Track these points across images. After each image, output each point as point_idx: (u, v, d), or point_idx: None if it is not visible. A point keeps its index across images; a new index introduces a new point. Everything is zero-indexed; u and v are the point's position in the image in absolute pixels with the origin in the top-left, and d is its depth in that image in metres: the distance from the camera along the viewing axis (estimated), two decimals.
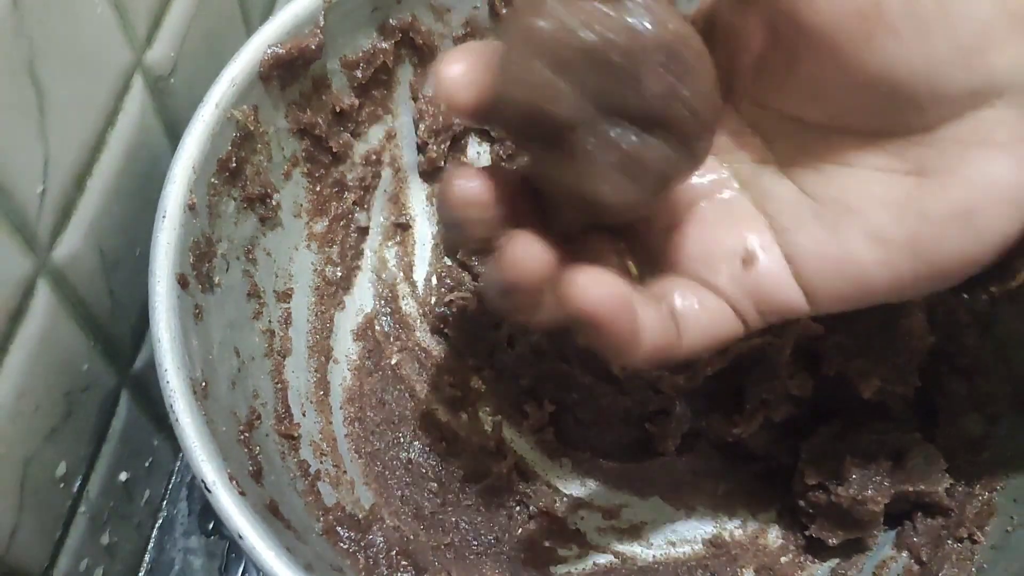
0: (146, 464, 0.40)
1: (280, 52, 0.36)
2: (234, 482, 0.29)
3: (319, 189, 0.41)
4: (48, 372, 0.31)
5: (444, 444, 0.42)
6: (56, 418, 0.32)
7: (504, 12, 0.41)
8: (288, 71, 0.37)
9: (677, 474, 0.42)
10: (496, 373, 0.43)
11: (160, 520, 0.42)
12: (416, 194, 0.46)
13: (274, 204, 0.39)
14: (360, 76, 0.40)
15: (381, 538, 0.36)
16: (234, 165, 0.35)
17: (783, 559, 0.39)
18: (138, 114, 0.35)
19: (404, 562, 0.36)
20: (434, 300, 0.44)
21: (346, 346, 0.43)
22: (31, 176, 0.29)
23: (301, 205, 0.41)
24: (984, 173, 0.23)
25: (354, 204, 0.43)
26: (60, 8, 0.29)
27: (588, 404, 0.41)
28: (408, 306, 0.45)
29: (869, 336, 0.37)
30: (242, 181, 0.36)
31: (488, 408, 0.43)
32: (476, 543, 0.40)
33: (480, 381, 0.43)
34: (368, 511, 0.38)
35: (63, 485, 0.33)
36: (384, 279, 0.45)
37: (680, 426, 0.40)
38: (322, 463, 0.38)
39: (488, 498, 0.40)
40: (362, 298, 0.44)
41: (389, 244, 0.45)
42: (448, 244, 0.44)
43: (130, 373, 0.37)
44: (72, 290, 0.32)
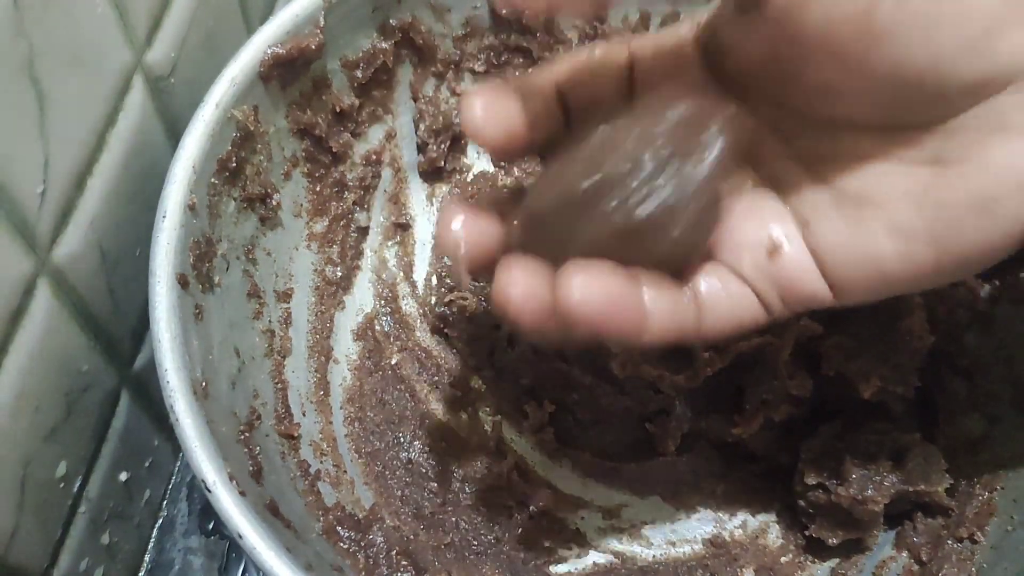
0: (146, 464, 0.40)
1: (280, 52, 0.36)
2: (234, 482, 0.29)
3: (319, 189, 0.41)
4: (48, 372, 0.31)
5: (444, 444, 0.42)
6: (56, 418, 0.32)
7: (504, 14, 0.41)
8: (288, 71, 0.37)
9: (677, 474, 0.42)
10: (496, 373, 0.43)
11: (160, 520, 0.42)
12: (416, 194, 0.46)
13: (274, 204, 0.39)
14: (360, 76, 0.40)
15: (381, 538, 0.36)
16: (234, 165, 0.35)
17: (783, 559, 0.39)
18: (138, 114, 0.35)
19: (404, 562, 0.36)
20: (434, 300, 0.44)
21: (346, 346, 0.43)
22: (31, 176, 0.29)
23: (301, 205, 0.41)
24: (1002, 159, 0.23)
25: (354, 204, 0.43)
26: (60, 8, 0.29)
27: (588, 404, 0.41)
28: (408, 306, 0.45)
29: (869, 336, 0.37)
30: (242, 181, 0.36)
31: (488, 408, 0.43)
32: (476, 543, 0.40)
33: (480, 381, 0.43)
34: (368, 511, 0.38)
35: (63, 485, 0.33)
36: (384, 279, 0.45)
37: (680, 426, 0.40)
38: (322, 463, 0.38)
39: (488, 498, 0.40)
40: (362, 298, 0.44)
41: (389, 244, 0.45)
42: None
43: (130, 373, 0.37)
44: (72, 290, 0.32)
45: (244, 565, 0.41)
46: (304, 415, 0.39)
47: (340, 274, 0.43)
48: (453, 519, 0.40)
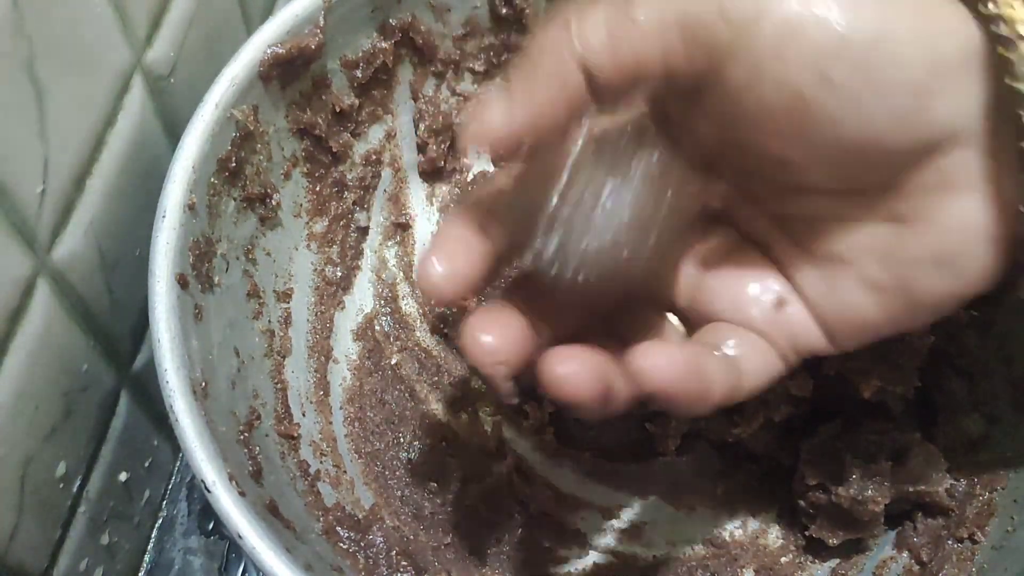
0: (146, 464, 0.40)
1: (280, 52, 0.36)
2: (234, 482, 0.29)
3: (319, 189, 0.41)
4: (48, 372, 0.31)
5: (444, 444, 0.42)
6: (56, 418, 0.32)
7: (503, 13, 0.41)
8: (288, 71, 0.37)
9: (677, 474, 0.42)
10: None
11: (160, 520, 0.42)
12: (416, 194, 0.46)
13: (274, 204, 0.39)
14: (360, 76, 0.40)
15: (381, 538, 0.36)
16: (234, 165, 0.35)
17: (783, 559, 0.39)
18: (138, 114, 0.35)
19: (404, 562, 0.36)
20: (434, 300, 0.44)
21: (346, 346, 0.43)
22: (31, 176, 0.29)
23: (301, 205, 0.41)
24: (955, 218, 0.24)
25: (354, 204, 0.43)
26: (60, 8, 0.29)
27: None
28: (408, 306, 0.45)
29: None
30: (242, 181, 0.36)
31: (488, 408, 0.43)
32: (476, 543, 0.40)
33: (480, 381, 0.43)
34: (368, 511, 0.38)
35: (63, 485, 0.33)
36: (384, 279, 0.45)
37: (680, 426, 0.40)
38: (322, 463, 0.38)
39: (488, 498, 0.40)
40: (362, 298, 0.44)
41: (389, 244, 0.45)
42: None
43: (130, 373, 0.37)
44: (72, 290, 0.32)
45: (244, 565, 0.41)
46: (304, 415, 0.39)
47: (340, 274, 0.43)
48: (453, 519, 0.40)
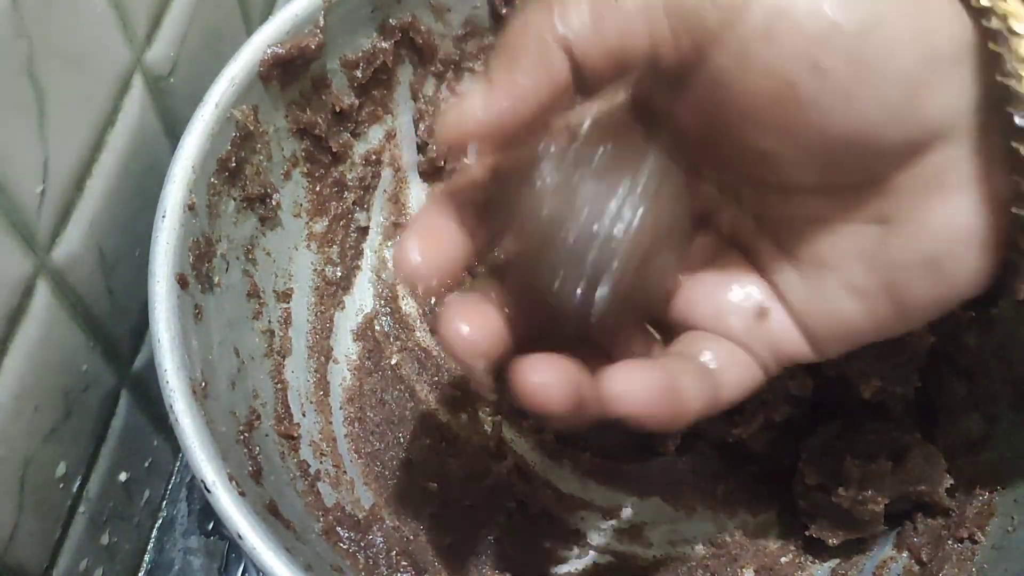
0: (146, 464, 0.40)
1: (280, 52, 0.36)
2: (234, 482, 0.29)
3: (319, 189, 0.41)
4: (48, 372, 0.31)
5: (444, 444, 0.42)
6: (56, 418, 0.32)
7: (503, 13, 0.41)
8: (288, 71, 0.37)
9: (677, 474, 0.42)
10: (496, 373, 0.43)
11: (160, 520, 0.42)
12: (416, 194, 0.46)
13: (274, 204, 0.39)
14: (360, 76, 0.40)
15: (381, 538, 0.36)
16: (234, 165, 0.35)
17: (783, 559, 0.39)
18: (138, 114, 0.35)
19: (404, 562, 0.36)
20: (434, 300, 0.44)
21: (346, 346, 0.43)
22: (31, 176, 0.29)
23: (301, 205, 0.41)
24: (942, 219, 0.23)
25: (354, 204, 0.43)
26: (59, 8, 0.29)
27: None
28: (408, 306, 0.45)
29: None
30: (242, 181, 0.36)
31: (488, 408, 0.43)
32: (476, 543, 0.40)
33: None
34: (368, 511, 0.38)
35: (63, 485, 0.33)
36: (384, 279, 0.45)
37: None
38: (322, 463, 0.38)
39: (488, 498, 0.40)
40: (362, 298, 0.44)
41: (389, 244, 0.45)
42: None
43: (130, 373, 0.37)
44: (72, 290, 0.32)
45: (244, 565, 0.41)
46: (304, 415, 0.39)
47: (340, 274, 0.43)
48: (453, 519, 0.40)
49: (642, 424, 0.23)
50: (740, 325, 0.27)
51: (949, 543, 0.36)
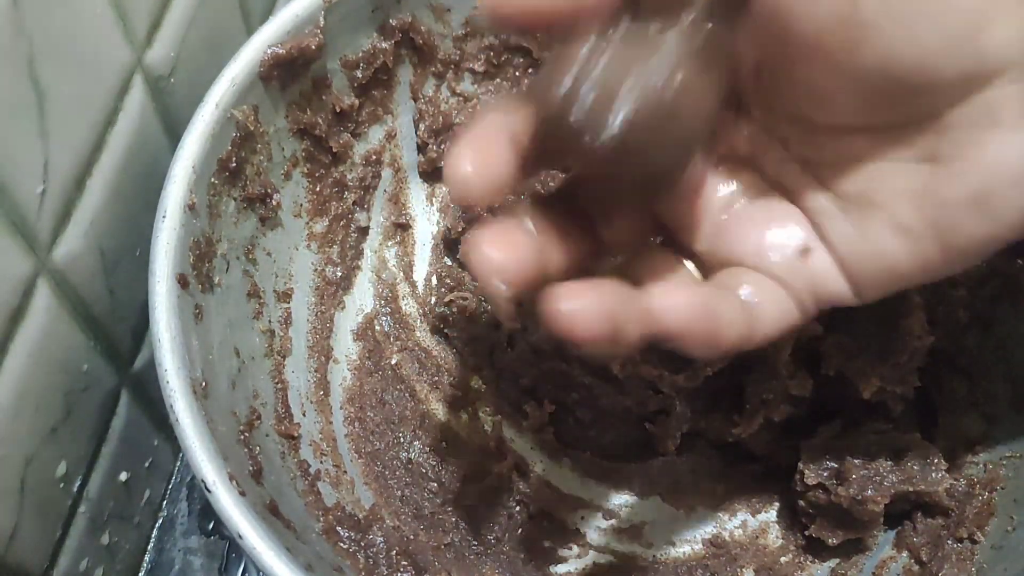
0: (146, 464, 0.40)
1: (280, 52, 0.36)
2: (234, 482, 0.29)
3: (319, 189, 0.41)
4: (48, 372, 0.31)
5: (444, 444, 0.42)
6: (56, 418, 0.32)
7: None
8: (288, 71, 0.37)
9: (677, 474, 0.42)
10: (496, 373, 0.43)
11: (160, 520, 0.42)
12: (416, 194, 0.46)
13: (274, 204, 0.39)
14: (360, 76, 0.40)
15: (381, 538, 0.36)
16: (234, 165, 0.35)
17: (783, 559, 0.39)
18: (138, 114, 0.35)
19: (404, 562, 0.36)
20: (434, 300, 0.44)
21: (346, 346, 0.43)
22: (31, 176, 0.29)
23: (301, 205, 0.41)
24: (995, 155, 0.23)
25: (354, 204, 0.43)
26: (60, 8, 0.29)
27: (588, 404, 0.41)
28: (408, 306, 0.45)
29: (869, 336, 0.37)
30: (242, 181, 0.36)
31: (488, 408, 0.43)
32: (476, 543, 0.40)
33: (480, 381, 0.43)
34: (368, 511, 0.38)
35: (63, 485, 0.33)
36: (384, 279, 0.45)
37: (680, 426, 0.40)
38: (322, 463, 0.38)
39: (488, 498, 0.40)
40: (362, 298, 0.44)
41: (389, 244, 0.45)
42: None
43: (130, 373, 0.37)
44: (72, 290, 0.32)
45: (244, 565, 0.41)
46: (304, 415, 0.39)
47: (340, 274, 0.43)
48: (453, 519, 0.40)
49: (682, 342, 0.23)
50: (781, 263, 0.27)
51: (949, 543, 0.36)
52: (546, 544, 0.40)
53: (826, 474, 0.37)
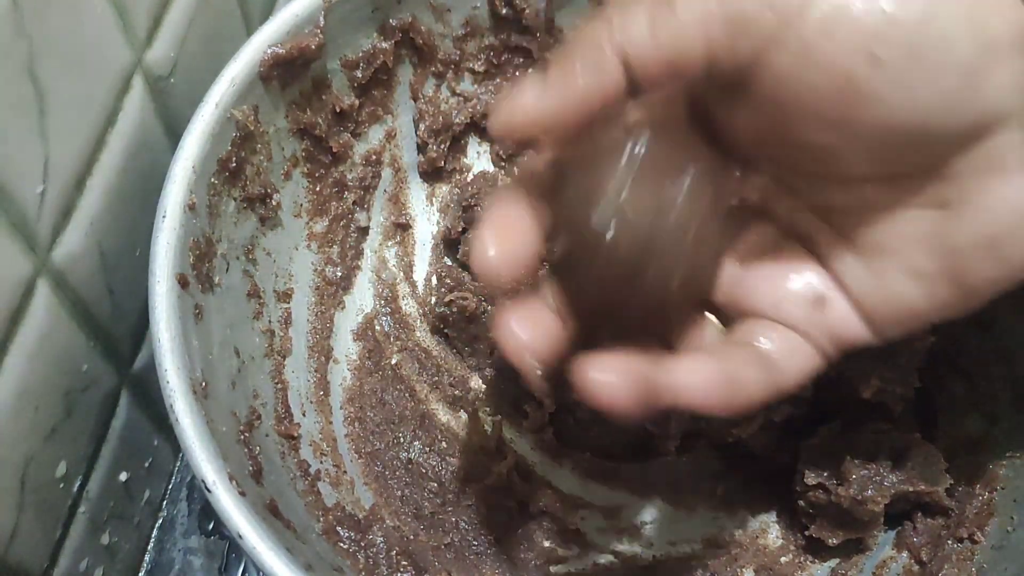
0: (146, 464, 0.40)
1: (280, 52, 0.36)
2: (234, 482, 0.29)
3: (319, 189, 0.41)
4: (48, 372, 0.31)
5: (444, 444, 0.42)
6: (56, 418, 0.32)
7: (503, 13, 0.41)
8: (288, 71, 0.37)
9: (677, 474, 0.42)
10: (496, 373, 0.43)
11: (160, 520, 0.42)
12: (416, 194, 0.46)
13: (274, 204, 0.39)
14: (360, 76, 0.40)
15: (381, 538, 0.36)
16: (234, 165, 0.35)
17: (783, 559, 0.39)
18: (138, 114, 0.35)
19: (404, 562, 0.36)
20: (434, 300, 0.44)
21: (346, 346, 0.43)
22: (31, 176, 0.29)
23: (301, 205, 0.41)
24: (1002, 200, 0.24)
25: (354, 204, 0.43)
26: (60, 8, 0.29)
27: (588, 404, 0.41)
28: (408, 306, 0.45)
29: None
30: (242, 181, 0.36)
31: (488, 408, 0.43)
32: (476, 543, 0.40)
33: (480, 381, 0.43)
34: (368, 511, 0.38)
35: (63, 485, 0.33)
36: (384, 279, 0.45)
37: (680, 426, 0.40)
38: (322, 463, 0.38)
39: (488, 498, 0.40)
40: (362, 298, 0.44)
41: (389, 244, 0.45)
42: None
43: (130, 373, 0.37)
44: (72, 290, 0.32)
45: (244, 565, 0.41)
46: (304, 415, 0.39)
47: (340, 274, 0.43)
48: (453, 519, 0.40)
49: (709, 412, 0.24)
50: (799, 313, 0.27)
51: (949, 543, 0.36)
52: (546, 544, 0.40)
53: (826, 474, 0.37)
